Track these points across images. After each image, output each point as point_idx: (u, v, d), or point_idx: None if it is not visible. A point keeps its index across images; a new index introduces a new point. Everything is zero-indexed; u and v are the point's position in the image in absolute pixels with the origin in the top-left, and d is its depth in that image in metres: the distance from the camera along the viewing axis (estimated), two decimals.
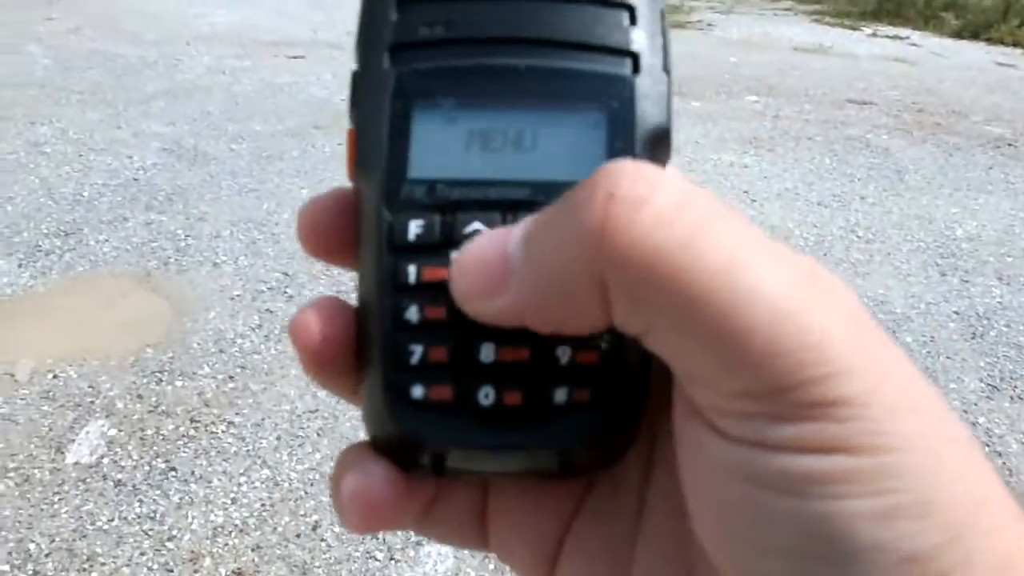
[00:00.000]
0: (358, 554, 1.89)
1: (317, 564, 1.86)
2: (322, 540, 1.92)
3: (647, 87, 0.30)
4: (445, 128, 0.29)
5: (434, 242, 0.28)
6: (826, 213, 3.86)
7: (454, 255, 0.27)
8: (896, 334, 2.88)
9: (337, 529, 1.95)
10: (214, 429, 2.27)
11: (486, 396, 0.28)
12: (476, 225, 0.28)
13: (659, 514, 0.30)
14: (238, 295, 2.89)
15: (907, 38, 8.43)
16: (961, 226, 3.82)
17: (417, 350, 0.28)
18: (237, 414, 2.33)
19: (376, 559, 1.88)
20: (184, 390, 2.41)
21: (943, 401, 0.25)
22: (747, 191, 4.06)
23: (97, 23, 6.98)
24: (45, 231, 3.31)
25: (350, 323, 0.30)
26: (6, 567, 1.81)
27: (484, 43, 0.29)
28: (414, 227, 0.28)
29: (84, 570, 1.81)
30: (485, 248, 0.26)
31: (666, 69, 0.30)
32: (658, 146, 0.30)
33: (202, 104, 4.95)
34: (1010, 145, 5.02)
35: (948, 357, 2.78)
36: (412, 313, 0.28)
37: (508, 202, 0.28)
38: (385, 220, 0.29)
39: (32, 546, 1.87)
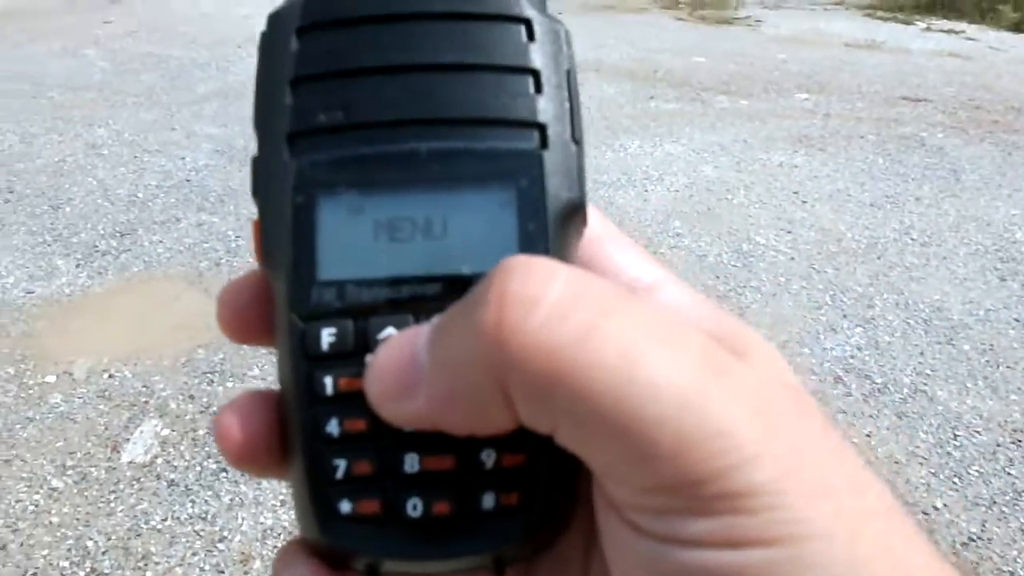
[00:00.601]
0: None
1: None
2: None
3: (556, 161, 0.28)
4: (351, 221, 0.28)
5: (348, 350, 0.27)
6: (879, 215, 3.79)
7: (368, 358, 0.26)
8: (953, 342, 2.82)
9: None
10: None
11: (414, 507, 0.27)
12: (390, 331, 0.27)
13: None
14: None
15: (963, 32, 8.23)
16: (1021, 229, 3.71)
17: (341, 464, 0.27)
18: None
19: None
20: (234, 391, 2.45)
21: (864, 475, 0.24)
22: (796, 192, 4.00)
23: (152, 27, 7.12)
24: (102, 232, 3.38)
25: (272, 418, 0.29)
26: (66, 563, 1.86)
27: (385, 126, 0.28)
28: (327, 335, 0.27)
29: (139, 569, 1.85)
30: (394, 351, 0.26)
31: (575, 139, 0.29)
32: (571, 222, 0.29)
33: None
34: None
35: (1008, 367, 2.71)
36: (332, 426, 0.27)
37: (420, 299, 0.28)
38: (297, 328, 0.28)
39: (90, 543, 1.91)
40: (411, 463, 0.27)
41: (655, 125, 4.90)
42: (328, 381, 0.27)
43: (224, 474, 2.13)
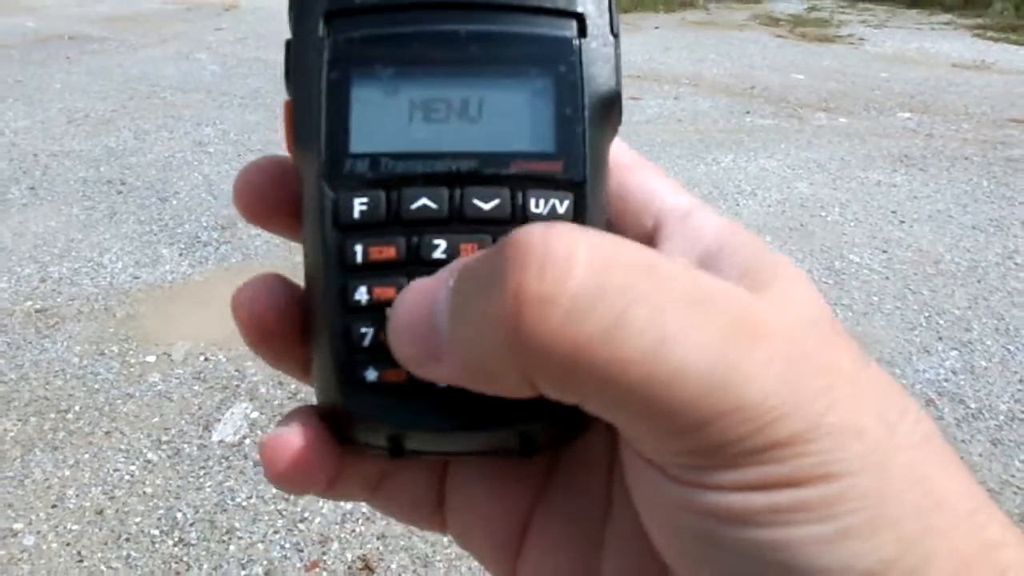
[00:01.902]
0: None
1: (438, 558, 1.91)
2: (444, 535, 1.97)
3: (594, 50, 0.28)
4: (386, 99, 0.28)
5: (380, 219, 0.27)
6: (981, 238, 3.65)
7: (388, 311, 0.26)
8: None
9: None
10: None
11: None
12: (424, 201, 0.27)
13: (627, 509, 0.29)
14: None
15: None
16: None
17: (369, 332, 0.27)
18: None
19: None
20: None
21: (899, 404, 0.24)
22: (895, 211, 3.89)
23: (260, 34, 7.40)
24: (204, 224, 3.54)
25: (295, 299, 0.29)
26: (156, 532, 1.95)
27: (423, 8, 0.28)
28: (358, 204, 0.27)
29: (223, 542, 1.93)
30: (413, 312, 0.25)
31: (614, 32, 0.29)
32: (608, 112, 0.29)
33: None
34: None
35: None
36: (361, 294, 0.27)
37: (455, 174, 0.27)
38: (328, 197, 0.27)
39: (179, 515, 2.00)
40: None
41: (750, 140, 4.84)
42: (359, 249, 0.27)
43: None
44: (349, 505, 2.05)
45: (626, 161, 0.31)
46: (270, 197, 0.30)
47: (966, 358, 2.75)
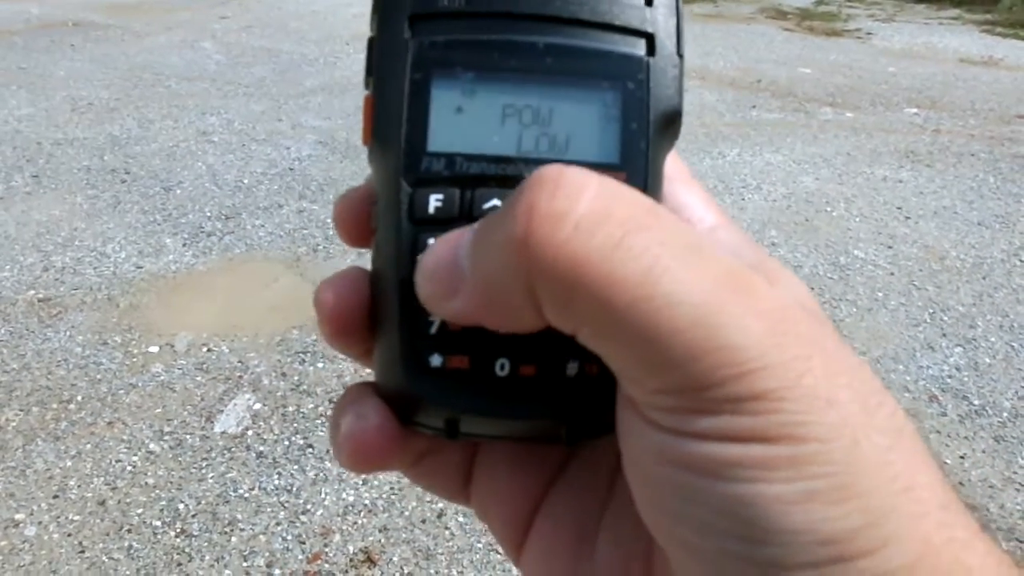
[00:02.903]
0: (480, 545, 1.93)
1: (440, 551, 1.91)
2: (446, 528, 1.97)
3: (661, 69, 0.30)
4: (464, 101, 0.29)
5: (453, 215, 0.29)
6: (987, 234, 3.64)
7: (419, 257, 0.28)
8: None
9: (462, 519, 1.99)
10: None
11: (502, 367, 0.29)
12: (495, 202, 0.29)
13: (626, 498, 0.31)
14: None
15: None
16: None
17: (435, 320, 0.29)
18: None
19: (498, 552, 1.91)
20: (325, 372, 2.53)
21: (878, 394, 0.25)
22: (900, 207, 3.88)
23: (265, 22, 7.38)
24: (208, 214, 3.53)
25: (366, 290, 0.31)
26: (158, 523, 1.95)
27: (503, 17, 0.30)
28: (434, 200, 0.29)
29: (225, 533, 1.93)
30: (439, 254, 0.27)
31: (679, 52, 0.30)
32: (669, 127, 0.30)
33: (357, 100, 5.15)
34: None
35: None
36: None
37: (523, 179, 0.28)
38: (404, 192, 0.29)
39: (181, 506, 2.00)
40: None
41: (755, 134, 4.82)
42: (432, 242, 0.28)
43: (310, 450, 2.20)
44: (351, 497, 2.05)
45: (669, 172, 0.32)
46: (366, 221, 0.32)
47: (970, 355, 2.75)
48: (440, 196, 0.29)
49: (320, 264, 3.13)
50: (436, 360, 0.29)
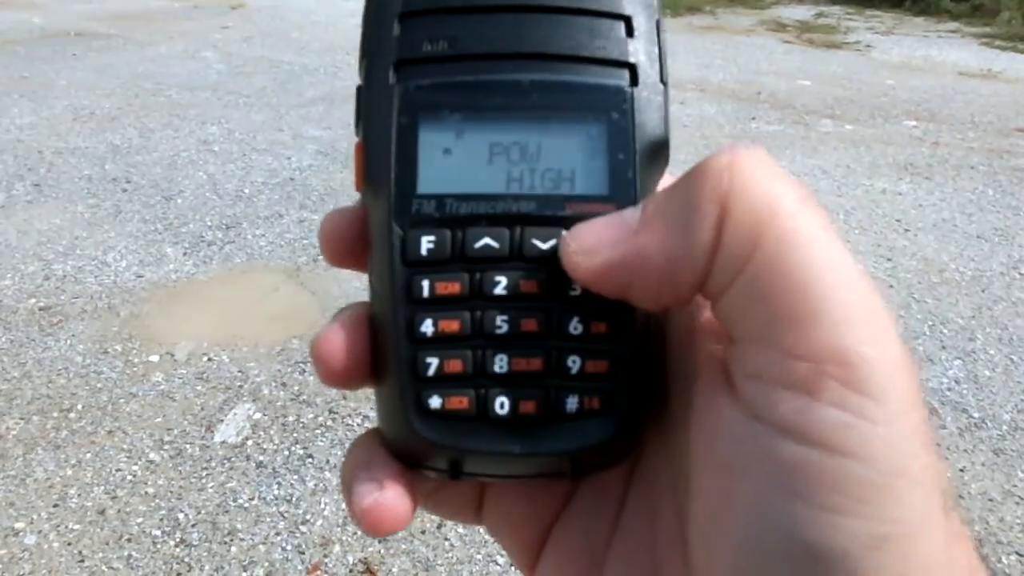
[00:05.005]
0: (480, 556, 1.92)
1: (440, 562, 1.91)
2: (446, 539, 1.97)
3: (645, 98, 0.30)
4: (451, 143, 0.30)
5: (445, 256, 0.29)
6: (986, 247, 3.64)
7: (563, 232, 0.29)
8: None
9: (461, 530, 1.99)
10: (350, 421, 2.36)
11: (502, 406, 0.29)
12: (487, 240, 0.29)
13: (635, 519, 0.32)
14: None
15: None
16: None
17: (433, 362, 0.29)
18: (372, 409, 2.41)
19: (497, 563, 1.91)
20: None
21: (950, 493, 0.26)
22: (900, 219, 3.89)
23: (267, 32, 7.41)
24: (209, 223, 3.54)
25: (365, 335, 0.31)
26: (158, 532, 1.95)
27: (486, 58, 0.30)
28: (425, 242, 0.29)
29: (225, 543, 1.93)
30: (597, 219, 0.28)
31: (663, 80, 0.31)
32: (656, 156, 0.31)
33: None
34: None
35: None
36: (427, 326, 0.29)
37: (515, 215, 0.29)
38: (396, 235, 0.29)
39: (181, 516, 2.00)
40: (501, 363, 0.29)
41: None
42: (425, 284, 0.29)
43: (310, 460, 2.20)
44: None
45: None
46: (350, 242, 0.33)
47: (969, 367, 2.75)
48: (432, 238, 0.30)
49: (321, 274, 3.14)
50: (436, 402, 0.29)
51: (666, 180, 0.32)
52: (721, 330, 0.29)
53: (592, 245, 0.27)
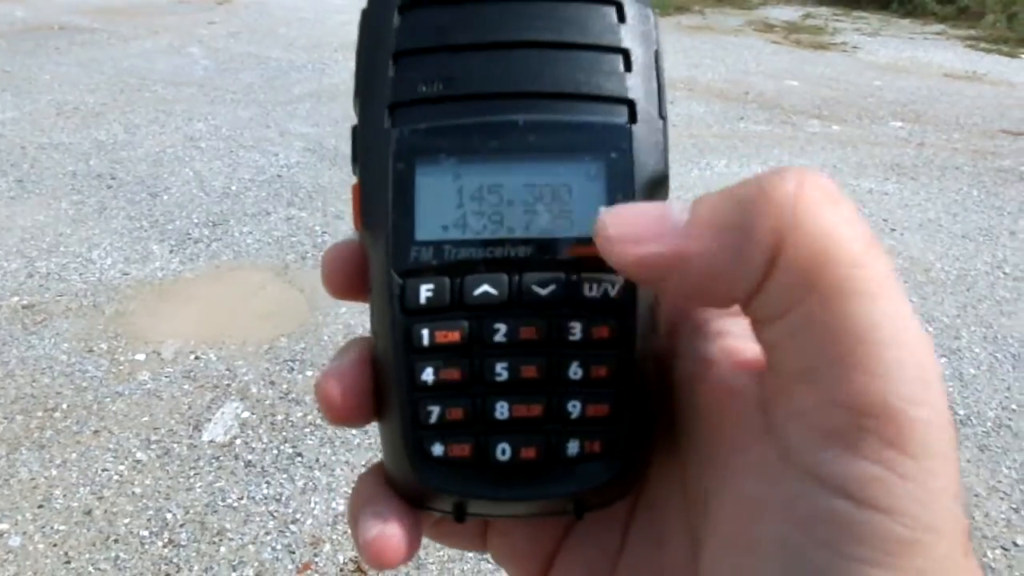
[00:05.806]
0: (470, 555, 1.92)
1: (431, 560, 1.90)
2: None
3: (644, 135, 0.30)
4: (448, 187, 0.29)
5: (444, 305, 0.29)
6: (971, 247, 3.67)
7: (603, 209, 0.28)
8: None
9: None
10: None
11: (503, 452, 0.29)
12: (485, 287, 0.29)
13: (640, 545, 0.32)
14: None
15: None
16: None
17: (435, 410, 0.29)
18: None
19: (488, 562, 1.90)
20: (314, 380, 2.51)
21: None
22: (886, 219, 3.91)
23: (254, 28, 7.36)
24: (195, 221, 3.51)
25: (368, 375, 0.31)
26: (146, 533, 1.93)
27: (482, 99, 0.30)
28: (424, 291, 0.29)
29: (214, 543, 1.91)
30: (640, 205, 0.28)
31: (661, 115, 0.30)
32: (656, 193, 0.30)
33: (345, 108, 5.14)
34: None
35: None
36: (427, 375, 0.29)
37: (513, 260, 0.29)
38: (396, 284, 0.29)
39: (169, 516, 1.99)
40: (501, 410, 0.29)
41: (743, 146, 4.85)
42: (425, 333, 0.29)
43: (299, 459, 2.19)
44: (341, 507, 2.04)
45: None
46: (351, 275, 0.32)
47: (955, 365, 2.77)
48: (431, 286, 0.29)
49: (309, 272, 3.12)
50: (438, 449, 0.30)
51: None
52: (749, 363, 0.29)
53: (633, 234, 0.26)
